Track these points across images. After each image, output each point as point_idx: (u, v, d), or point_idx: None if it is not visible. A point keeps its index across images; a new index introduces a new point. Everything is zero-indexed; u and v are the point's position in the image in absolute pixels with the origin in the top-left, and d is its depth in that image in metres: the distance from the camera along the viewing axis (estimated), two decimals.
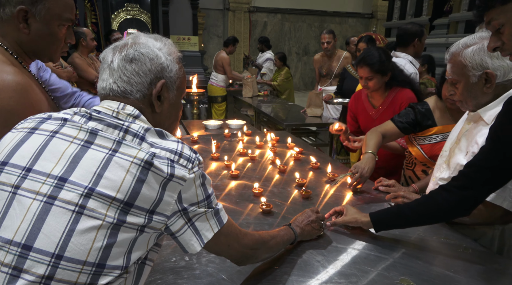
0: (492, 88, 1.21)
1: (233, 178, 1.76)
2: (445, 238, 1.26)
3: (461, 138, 1.37)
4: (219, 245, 0.82)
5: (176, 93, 0.85)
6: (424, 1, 7.65)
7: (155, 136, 0.75)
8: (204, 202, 0.76)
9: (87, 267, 0.64)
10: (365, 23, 12.02)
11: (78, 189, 0.66)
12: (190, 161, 0.73)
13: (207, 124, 2.90)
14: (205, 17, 9.99)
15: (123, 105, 0.77)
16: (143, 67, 0.78)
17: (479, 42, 1.21)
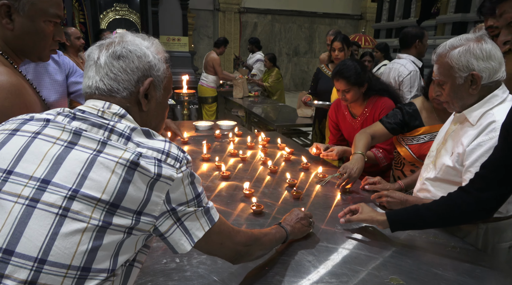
0: (478, 89, 1.23)
1: (224, 179, 1.76)
2: (434, 237, 1.28)
3: (448, 138, 1.39)
4: (211, 244, 0.80)
5: (163, 93, 0.84)
6: (412, 3, 7.76)
7: (142, 135, 0.73)
8: (193, 201, 0.75)
9: (72, 271, 0.62)
10: (355, 24, 12.13)
11: (61, 191, 0.64)
12: (178, 160, 0.72)
13: (198, 125, 2.89)
14: (195, 18, 9.96)
15: (109, 104, 0.75)
16: (131, 65, 0.76)
17: (466, 43, 1.22)
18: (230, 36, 10.82)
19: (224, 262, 1.07)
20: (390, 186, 1.67)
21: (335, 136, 2.32)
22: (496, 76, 1.22)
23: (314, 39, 11.90)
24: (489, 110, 1.24)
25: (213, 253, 0.86)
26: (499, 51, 1.23)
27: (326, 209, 1.48)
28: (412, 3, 7.73)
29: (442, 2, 6.55)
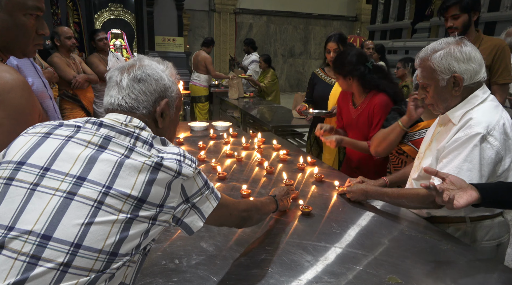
0: (460, 91, 1.27)
1: (220, 179, 1.76)
2: (429, 236, 1.30)
3: (433, 140, 1.43)
4: (222, 215, 0.94)
5: (175, 111, 0.95)
6: (406, 5, 7.83)
7: (160, 143, 0.84)
8: (204, 187, 0.86)
9: (102, 255, 0.69)
10: (349, 26, 12.20)
11: (96, 187, 0.71)
12: (193, 161, 0.83)
13: (193, 125, 2.88)
14: (190, 18, 9.95)
15: (130, 118, 0.84)
16: (150, 87, 0.87)
17: (446, 47, 1.26)
18: (225, 37, 10.82)
19: (223, 263, 1.07)
20: (375, 183, 1.69)
21: (340, 122, 2.34)
22: (477, 77, 1.27)
23: (310, 40, 11.94)
24: (469, 110, 1.28)
25: (224, 224, 1.00)
26: (479, 53, 1.28)
27: (322, 209, 1.48)
28: (406, 5, 7.79)
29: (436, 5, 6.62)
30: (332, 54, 2.60)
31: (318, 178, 1.80)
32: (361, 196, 1.54)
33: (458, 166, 1.23)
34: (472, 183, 1.12)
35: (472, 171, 1.21)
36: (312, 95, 2.95)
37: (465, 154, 1.22)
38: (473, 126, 1.23)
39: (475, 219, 1.35)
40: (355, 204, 1.55)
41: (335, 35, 2.63)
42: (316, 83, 2.91)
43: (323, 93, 2.79)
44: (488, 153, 1.21)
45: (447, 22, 2.21)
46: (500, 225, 1.37)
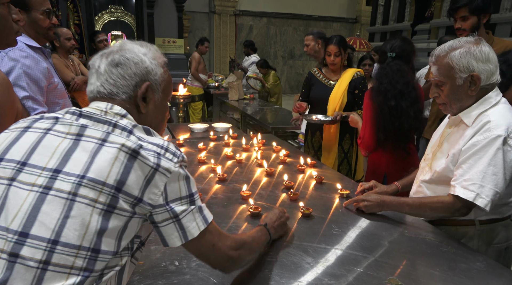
0: (477, 91, 1.25)
1: (220, 181, 1.76)
2: (430, 238, 1.29)
3: (443, 142, 1.40)
4: (204, 244, 0.82)
5: (162, 95, 0.89)
6: (406, 7, 7.83)
7: (143, 132, 0.79)
8: (186, 199, 0.78)
9: (82, 251, 0.67)
10: (349, 28, 12.21)
11: (70, 178, 0.69)
12: (176, 156, 0.77)
13: (193, 127, 2.88)
14: (190, 20, 9.96)
15: (111, 105, 0.81)
16: (128, 71, 0.82)
17: (465, 45, 1.24)
18: (225, 39, 10.83)
19: None
20: (387, 188, 1.67)
21: None
22: (492, 79, 1.25)
23: None
24: (483, 111, 1.26)
25: (203, 255, 0.85)
26: (495, 55, 1.26)
27: (323, 211, 1.48)
28: (406, 7, 7.80)
29: (436, 6, 6.63)
30: (333, 57, 2.55)
31: (318, 180, 1.79)
32: (377, 207, 1.42)
33: (482, 170, 1.19)
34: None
35: (497, 175, 1.18)
36: (308, 96, 2.80)
37: (488, 158, 1.19)
38: (492, 129, 1.20)
39: (484, 222, 1.33)
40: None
41: (336, 38, 2.57)
42: (313, 83, 2.77)
43: (321, 95, 2.68)
44: (510, 156, 1.19)
45: (455, 23, 2.19)
46: (508, 228, 1.36)
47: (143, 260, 1.08)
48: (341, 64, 2.62)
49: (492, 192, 1.18)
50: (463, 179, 1.23)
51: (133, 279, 0.99)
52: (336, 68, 2.63)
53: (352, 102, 2.63)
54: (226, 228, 1.30)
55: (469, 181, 1.21)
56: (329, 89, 2.66)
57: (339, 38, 2.57)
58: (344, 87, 2.59)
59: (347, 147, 2.69)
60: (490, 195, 1.18)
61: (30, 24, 1.67)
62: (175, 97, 3.40)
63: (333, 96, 2.61)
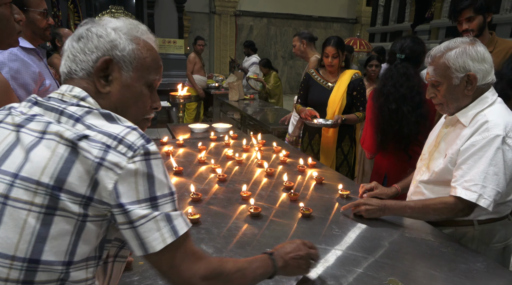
0: (473, 90, 1.26)
1: (220, 181, 1.76)
2: (430, 239, 1.29)
3: (440, 142, 1.41)
4: (165, 262, 0.67)
5: (133, 75, 0.75)
6: (406, 8, 7.84)
7: (100, 118, 0.67)
8: (147, 203, 0.64)
9: (17, 263, 0.59)
10: (350, 28, 12.22)
11: (5, 178, 0.62)
12: (132, 149, 0.63)
13: (193, 127, 2.88)
14: (190, 20, 9.96)
15: (72, 88, 0.72)
16: (89, 45, 0.72)
17: (461, 45, 1.26)
18: (225, 39, 10.84)
19: None
20: (387, 190, 1.66)
21: None
22: (488, 79, 1.27)
23: None
24: (480, 111, 1.27)
25: (163, 276, 0.70)
26: (490, 55, 1.28)
27: (323, 211, 1.48)
28: (407, 7, 7.81)
29: (436, 7, 6.63)
30: (330, 59, 2.51)
31: (318, 181, 1.79)
32: (379, 211, 1.38)
33: (484, 171, 1.19)
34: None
35: (498, 175, 1.19)
36: (306, 98, 2.71)
37: (488, 158, 1.19)
38: (491, 129, 1.21)
39: (482, 222, 1.34)
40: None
41: (334, 39, 2.53)
42: (311, 85, 2.69)
43: (319, 98, 2.62)
44: (509, 155, 1.20)
45: (461, 26, 2.14)
46: (507, 227, 1.36)
47: (143, 260, 1.08)
48: (339, 65, 2.59)
49: (494, 192, 1.19)
50: (464, 180, 1.23)
51: (133, 279, 0.99)
52: (334, 70, 2.60)
53: (350, 104, 2.60)
54: (226, 228, 1.30)
55: (471, 182, 1.20)
56: (327, 91, 2.60)
57: (336, 40, 2.53)
58: (344, 89, 2.55)
59: (346, 148, 2.66)
60: (493, 195, 1.18)
61: (27, 25, 1.65)
62: (175, 97, 3.40)
63: (333, 98, 2.57)
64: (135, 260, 1.06)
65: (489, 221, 1.33)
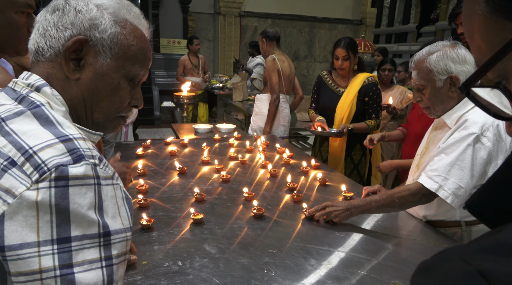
0: (457, 91, 1.29)
1: (224, 182, 1.76)
2: (434, 242, 1.29)
3: (429, 143, 1.45)
4: None
5: (112, 63, 0.64)
6: (412, 9, 7.81)
7: (33, 121, 0.53)
8: (49, 247, 0.46)
9: None
10: (354, 29, 12.18)
11: None
12: (39, 170, 0.47)
13: (197, 128, 2.89)
14: (195, 21, 9.98)
15: (29, 75, 0.61)
16: (64, 19, 0.61)
17: (442, 49, 1.29)
18: (230, 40, 10.85)
19: (226, 266, 1.07)
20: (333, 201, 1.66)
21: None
22: None
23: (314, 44, 11.94)
24: (465, 113, 1.30)
25: None
26: (472, 57, 1.28)
27: None
28: (412, 9, 7.78)
29: (442, 9, 6.60)
30: (341, 62, 2.35)
31: (322, 182, 1.79)
32: (345, 212, 1.34)
33: (449, 164, 1.23)
34: None
35: (463, 170, 1.22)
36: (318, 101, 2.59)
37: (457, 152, 1.23)
38: (468, 127, 1.25)
39: (470, 223, 1.36)
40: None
41: (345, 40, 2.36)
42: (322, 89, 2.55)
43: (328, 103, 2.48)
44: (481, 153, 1.23)
45: (458, 28, 2.19)
46: None
47: (147, 259, 1.08)
48: (351, 68, 2.41)
49: (455, 185, 1.22)
50: (430, 169, 1.27)
51: (136, 279, 0.99)
52: (345, 73, 2.43)
53: (362, 111, 2.41)
54: (229, 229, 1.30)
55: (435, 172, 1.25)
56: (337, 96, 2.46)
57: (348, 41, 2.36)
58: (353, 95, 2.38)
59: (357, 158, 2.48)
60: (453, 188, 1.22)
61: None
62: (179, 97, 3.42)
63: (341, 104, 2.41)
64: (139, 260, 1.07)
65: (476, 222, 1.35)
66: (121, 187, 0.57)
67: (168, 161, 2.01)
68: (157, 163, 1.98)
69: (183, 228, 1.29)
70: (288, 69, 3.10)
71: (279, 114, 3.02)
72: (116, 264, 0.52)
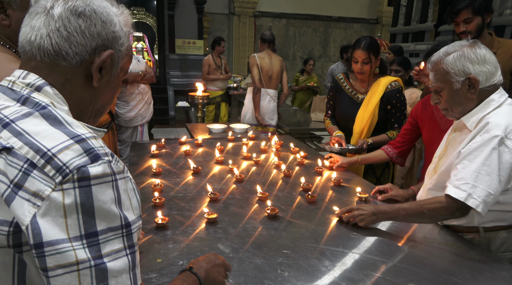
0: (476, 93, 1.24)
1: (237, 182, 1.76)
2: (452, 245, 1.26)
3: (448, 146, 1.40)
4: None
5: (119, 73, 0.69)
6: (429, 8, 7.66)
7: (41, 122, 0.54)
8: (79, 242, 0.50)
9: None
10: (370, 29, 12.04)
11: None
12: (61, 172, 0.49)
13: (211, 127, 2.91)
14: (210, 21, 10.05)
15: (26, 73, 0.60)
16: (92, 28, 0.61)
17: (459, 49, 1.25)
18: (244, 40, 10.87)
19: (240, 265, 1.07)
20: (404, 192, 1.64)
21: (404, 137, 1.89)
22: (493, 80, 1.24)
23: (329, 43, 11.85)
24: (486, 114, 1.25)
25: None
26: (493, 56, 1.26)
27: None
28: (430, 7, 7.63)
29: None
30: (360, 65, 2.07)
31: (336, 183, 1.77)
32: (372, 216, 1.31)
33: (476, 170, 1.17)
34: None
35: (491, 176, 1.16)
36: (334, 108, 2.33)
37: (483, 157, 1.17)
38: (490, 130, 1.19)
39: (489, 229, 1.30)
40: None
41: (365, 40, 2.07)
42: (338, 94, 2.28)
43: (347, 111, 2.21)
44: (506, 157, 1.17)
45: (458, 27, 2.07)
46: None
47: (161, 257, 1.09)
48: (371, 72, 2.12)
49: (485, 193, 1.16)
50: (455, 179, 1.21)
51: (151, 276, 1.00)
52: (364, 78, 2.15)
53: (384, 120, 2.15)
54: (243, 229, 1.30)
55: (462, 181, 1.19)
56: (356, 104, 2.19)
57: (369, 41, 2.07)
58: (375, 104, 2.11)
59: (379, 171, 2.23)
60: (483, 196, 1.15)
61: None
62: (193, 97, 3.44)
63: (361, 114, 2.15)
64: (153, 258, 1.08)
65: (496, 229, 1.30)
66: (131, 179, 0.60)
67: (182, 161, 2.02)
68: (171, 162, 2.00)
69: (197, 227, 1.29)
70: (267, 65, 3.66)
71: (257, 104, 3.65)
72: (136, 251, 0.57)
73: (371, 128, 2.16)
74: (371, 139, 2.12)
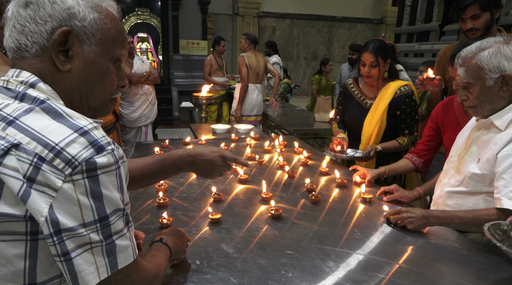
0: (509, 91, 1.21)
1: (241, 182, 1.76)
2: (457, 246, 1.24)
3: (471, 145, 1.36)
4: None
5: (97, 49, 0.66)
6: (434, 7, 7.63)
7: (43, 116, 0.57)
8: (94, 226, 0.56)
9: None
10: (374, 29, 12.01)
11: None
12: (70, 164, 0.53)
13: (215, 128, 2.91)
14: (214, 22, 10.07)
15: (18, 72, 0.62)
16: (41, 12, 0.61)
17: (495, 45, 1.22)
18: None
19: (243, 266, 1.07)
20: (409, 194, 1.62)
21: (428, 144, 1.82)
22: None
23: (333, 43, 11.84)
24: None
25: None
26: None
27: (345, 215, 1.46)
28: (435, 7, 7.59)
29: None
30: (368, 69, 2.01)
31: (340, 183, 1.77)
32: (422, 219, 1.28)
33: None
34: None
35: None
36: (343, 114, 2.29)
37: None
38: None
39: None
40: (379, 209, 1.51)
41: (374, 43, 2.01)
42: (347, 99, 2.23)
43: (355, 117, 2.16)
44: None
45: (465, 24, 1.96)
46: None
47: None
48: (380, 76, 2.05)
49: None
50: (509, 190, 1.15)
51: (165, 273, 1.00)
52: (373, 82, 2.09)
53: (394, 126, 2.08)
54: (247, 229, 1.30)
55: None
56: (364, 110, 2.13)
57: (377, 44, 1.99)
58: (382, 110, 2.05)
59: (391, 177, 2.10)
60: None
61: None
62: (197, 98, 3.45)
63: (368, 121, 2.09)
64: None
65: None
66: (125, 161, 0.66)
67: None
68: None
69: (201, 228, 1.30)
70: (255, 63, 4.19)
71: (248, 97, 4.23)
72: (132, 225, 0.65)
73: (380, 135, 2.09)
74: (380, 145, 2.04)
